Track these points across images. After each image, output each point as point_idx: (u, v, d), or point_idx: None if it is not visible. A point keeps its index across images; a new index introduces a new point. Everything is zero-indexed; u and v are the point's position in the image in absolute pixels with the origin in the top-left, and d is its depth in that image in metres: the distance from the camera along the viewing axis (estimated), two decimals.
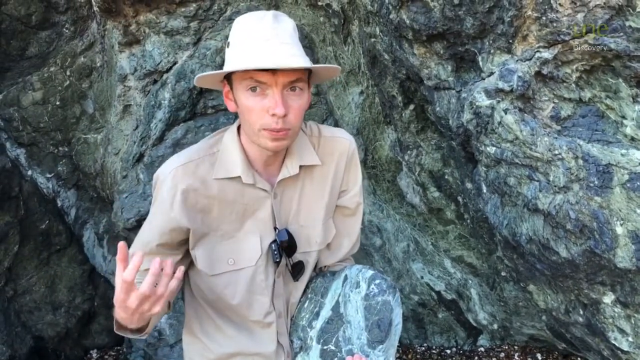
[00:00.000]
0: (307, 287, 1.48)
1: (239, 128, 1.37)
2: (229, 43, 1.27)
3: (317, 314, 1.40)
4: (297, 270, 1.42)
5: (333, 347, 1.34)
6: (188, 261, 1.40)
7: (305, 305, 1.44)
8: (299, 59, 1.19)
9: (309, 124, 1.48)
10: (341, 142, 1.46)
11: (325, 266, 1.55)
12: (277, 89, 1.18)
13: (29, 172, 2.93)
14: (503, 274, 2.46)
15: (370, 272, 1.39)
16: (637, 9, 1.44)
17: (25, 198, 2.85)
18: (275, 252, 1.35)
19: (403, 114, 2.49)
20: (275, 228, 1.38)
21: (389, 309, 1.33)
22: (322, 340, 1.36)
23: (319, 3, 2.55)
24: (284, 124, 1.20)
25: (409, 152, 2.61)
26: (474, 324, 2.88)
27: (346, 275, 1.43)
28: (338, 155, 1.45)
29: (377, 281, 1.36)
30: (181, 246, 1.36)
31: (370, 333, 1.31)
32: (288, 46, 1.20)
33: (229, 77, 1.28)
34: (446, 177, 2.56)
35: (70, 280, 3.06)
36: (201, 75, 1.28)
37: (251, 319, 1.39)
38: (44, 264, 2.98)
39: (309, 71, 1.28)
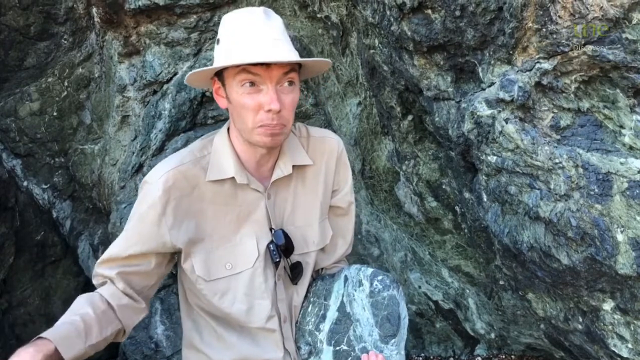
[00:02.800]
0: (307, 291, 1.46)
1: (228, 130, 1.36)
2: (218, 40, 1.27)
3: (324, 317, 1.39)
4: (296, 272, 1.40)
5: (346, 347, 1.34)
6: (161, 271, 1.36)
7: (309, 309, 1.43)
8: (292, 54, 1.21)
9: (297, 125, 1.48)
10: (330, 142, 1.47)
11: (321, 269, 1.54)
12: (271, 84, 1.19)
13: (25, 183, 2.91)
14: (501, 282, 2.48)
15: (370, 270, 1.40)
16: (633, 22, 1.48)
17: (21, 209, 2.83)
18: (274, 252, 1.33)
19: (401, 125, 2.51)
20: (271, 229, 1.37)
21: (395, 303, 1.34)
22: (333, 342, 1.36)
23: (318, 15, 2.59)
24: (279, 120, 1.21)
25: (406, 162, 2.63)
26: (472, 334, 2.89)
27: (346, 276, 1.43)
28: (327, 154, 1.46)
29: (380, 277, 1.37)
30: (158, 256, 1.32)
31: (381, 328, 1.32)
32: (280, 42, 1.21)
33: (219, 74, 1.27)
34: (443, 186, 2.59)
35: (65, 292, 3.04)
36: (193, 72, 1.27)
37: (253, 326, 1.36)
38: (39, 276, 2.95)
39: (299, 66, 1.28)
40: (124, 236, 1.31)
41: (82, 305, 1.24)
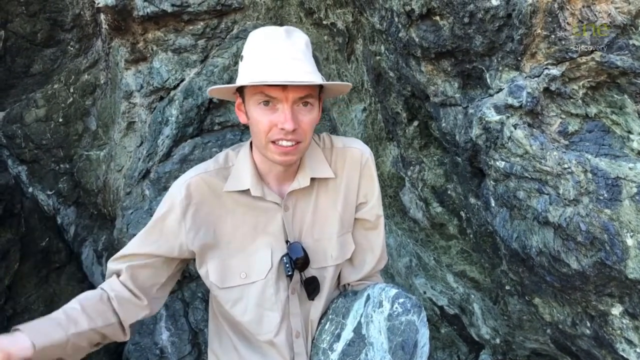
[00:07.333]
0: (328, 307, 1.43)
1: (252, 143, 1.39)
2: (242, 57, 1.29)
3: (338, 336, 1.33)
4: (311, 287, 1.38)
5: None
6: (170, 272, 1.39)
7: (326, 326, 1.37)
8: (310, 75, 1.20)
9: (322, 136, 1.47)
10: (353, 152, 1.44)
11: (348, 284, 1.51)
12: (287, 104, 1.20)
13: (30, 189, 2.91)
14: (507, 287, 2.49)
15: (394, 291, 1.33)
16: None
17: (26, 215, 2.83)
18: (287, 265, 1.32)
19: (407, 130, 2.52)
20: (286, 242, 1.36)
21: (413, 330, 1.27)
22: None
23: (324, 22, 2.60)
24: (293, 136, 1.22)
25: (411, 167, 2.64)
26: (477, 339, 2.89)
27: (369, 295, 1.37)
28: (350, 165, 1.43)
29: (401, 300, 1.30)
30: (167, 259, 1.36)
31: (394, 355, 1.24)
32: (299, 62, 1.21)
33: (241, 90, 1.30)
34: (449, 192, 2.60)
35: (69, 298, 2.97)
36: (214, 88, 1.32)
37: (261, 339, 1.36)
38: (43, 282, 2.95)
39: (319, 86, 1.29)
40: (142, 235, 1.36)
41: (71, 303, 1.28)
